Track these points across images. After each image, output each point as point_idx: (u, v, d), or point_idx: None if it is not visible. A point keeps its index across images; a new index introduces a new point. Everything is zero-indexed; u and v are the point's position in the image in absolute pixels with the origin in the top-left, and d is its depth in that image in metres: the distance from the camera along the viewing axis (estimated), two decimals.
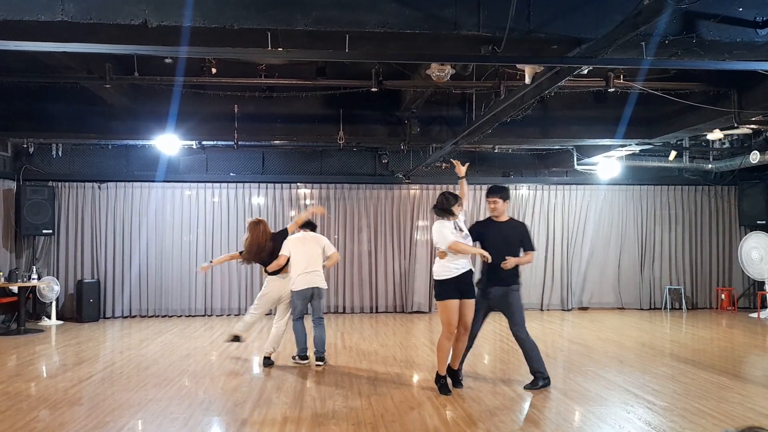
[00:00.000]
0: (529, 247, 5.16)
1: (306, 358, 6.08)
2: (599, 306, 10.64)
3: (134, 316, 9.73)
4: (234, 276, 9.97)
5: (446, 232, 4.82)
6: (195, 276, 9.86)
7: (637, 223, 10.74)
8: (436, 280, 4.93)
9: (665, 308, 10.62)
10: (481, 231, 5.21)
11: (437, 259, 4.95)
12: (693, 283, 10.81)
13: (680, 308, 10.60)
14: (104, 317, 9.59)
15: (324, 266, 6.12)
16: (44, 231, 9.24)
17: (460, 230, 4.93)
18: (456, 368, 5.10)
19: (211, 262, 7.38)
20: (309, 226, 6.40)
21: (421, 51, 4.16)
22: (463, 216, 5.11)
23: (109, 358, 6.58)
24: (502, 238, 5.11)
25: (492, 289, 5.12)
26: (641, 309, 10.59)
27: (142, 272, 9.72)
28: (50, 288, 9.14)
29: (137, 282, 9.73)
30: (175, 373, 5.73)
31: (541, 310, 10.48)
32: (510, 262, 4.98)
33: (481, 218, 5.89)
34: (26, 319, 8.58)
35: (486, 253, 4.88)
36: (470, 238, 4.98)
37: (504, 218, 5.24)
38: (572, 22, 3.85)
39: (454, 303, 4.83)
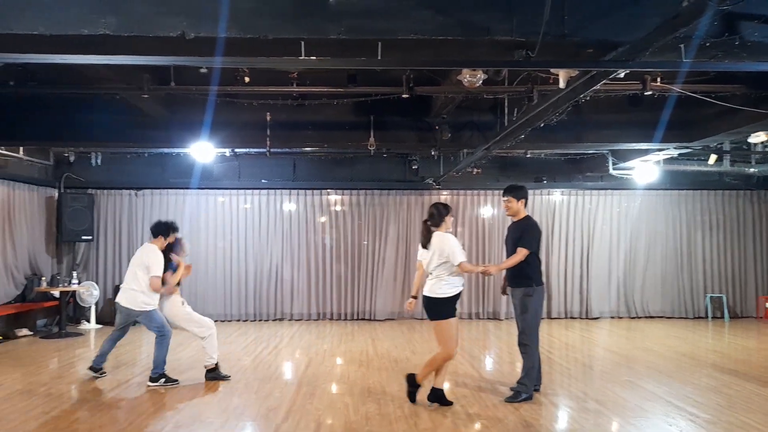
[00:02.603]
0: (519, 244, 4.86)
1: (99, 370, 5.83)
2: (637, 314, 10.36)
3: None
4: (266, 281, 10.07)
5: (460, 248, 4.64)
6: (230, 281, 10.01)
7: (676, 230, 10.45)
8: (440, 298, 4.58)
9: (706, 317, 10.28)
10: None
11: (441, 276, 4.60)
12: (735, 291, 10.45)
13: (722, 317, 10.26)
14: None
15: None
16: (84, 237, 9.53)
17: None
18: (440, 387, 4.77)
19: None
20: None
21: (452, 57, 4.14)
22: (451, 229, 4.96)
23: (145, 362, 6.71)
24: (510, 239, 5.08)
25: (510, 290, 5.07)
26: (681, 318, 10.28)
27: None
28: (90, 292, 9.40)
29: None
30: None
31: (579, 318, 10.27)
32: (489, 269, 4.90)
33: (507, 223, 5.77)
34: (67, 322, 8.84)
35: (483, 269, 4.86)
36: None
37: (518, 217, 5.09)
38: (608, 25, 3.77)
39: (456, 320, 4.66)
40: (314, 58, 3.80)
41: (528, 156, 9.76)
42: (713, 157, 8.41)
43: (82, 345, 7.91)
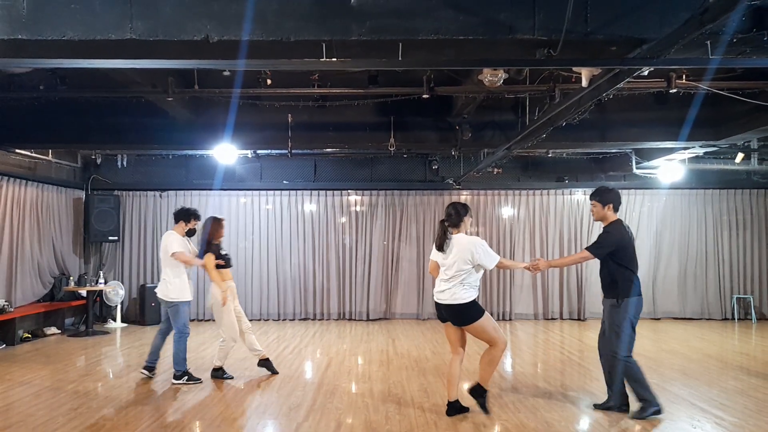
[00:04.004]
0: (586, 246, 4.75)
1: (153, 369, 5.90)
2: (662, 315, 10.19)
3: (192, 320, 10.04)
4: (288, 281, 10.15)
5: (489, 248, 4.49)
6: (251, 280, 10.11)
7: (701, 229, 10.25)
8: (465, 304, 4.37)
9: (733, 318, 10.07)
10: None
11: (461, 282, 4.39)
12: (762, 292, 10.20)
13: (749, 318, 10.03)
14: None
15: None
16: (110, 238, 9.72)
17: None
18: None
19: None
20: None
21: (474, 56, 4.13)
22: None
23: (170, 360, 6.81)
24: None
25: (602, 299, 4.78)
26: (707, 319, 10.09)
27: (200, 277, 10.04)
28: (116, 292, 9.59)
29: (195, 286, 10.02)
30: (233, 375, 5.88)
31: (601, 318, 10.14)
32: (539, 264, 4.70)
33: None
34: (93, 321, 9.02)
35: (532, 264, 4.70)
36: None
37: (606, 223, 4.71)
38: (633, 22, 3.72)
39: (488, 314, 4.47)
40: (335, 59, 3.83)
41: (550, 155, 9.68)
42: (740, 156, 8.22)
43: (108, 343, 8.07)
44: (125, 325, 9.63)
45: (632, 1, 3.71)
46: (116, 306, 9.66)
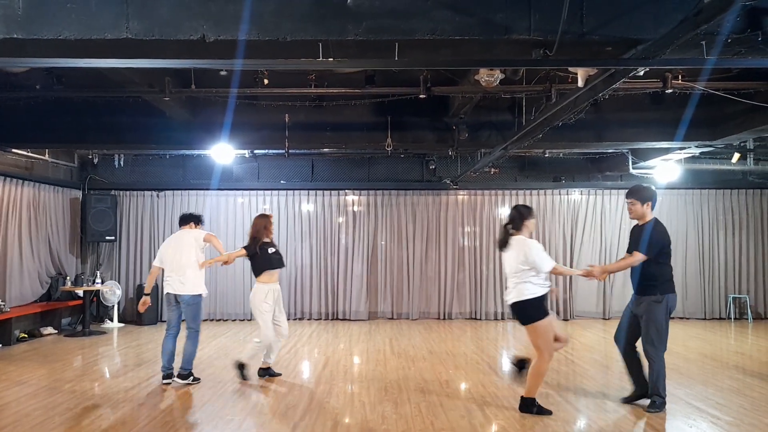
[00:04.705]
0: (637, 247, 4.66)
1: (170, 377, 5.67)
2: None
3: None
4: (285, 281, 10.15)
5: (545, 253, 4.50)
6: (249, 280, 10.10)
7: (698, 229, 10.29)
8: (528, 300, 4.40)
9: (729, 318, 10.11)
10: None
11: (524, 278, 4.44)
12: (758, 292, 10.24)
13: (745, 318, 10.06)
14: (162, 320, 9.94)
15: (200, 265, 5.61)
16: (107, 237, 9.71)
17: None
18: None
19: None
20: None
21: (471, 57, 4.13)
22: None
23: (159, 358, 6.81)
24: (633, 242, 4.82)
25: (635, 296, 4.82)
26: (703, 319, 10.12)
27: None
28: (112, 292, 9.58)
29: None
30: (229, 376, 5.88)
31: (603, 318, 10.17)
32: (594, 271, 4.65)
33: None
34: (90, 321, 9.01)
35: (587, 272, 4.67)
36: None
37: (644, 221, 4.77)
38: (628, 23, 3.74)
39: (551, 319, 4.49)
40: (332, 59, 3.83)
41: (546, 155, 9.71)
42: (736, 156, 8.26)
43: (105, 343, 8.06)
44: (122, 325, 9.62)
45: (627, 1, 3.72)
46: (113, 306, 9.64)
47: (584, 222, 10.29)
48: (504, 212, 10.37)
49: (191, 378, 5.61)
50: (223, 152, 8.02)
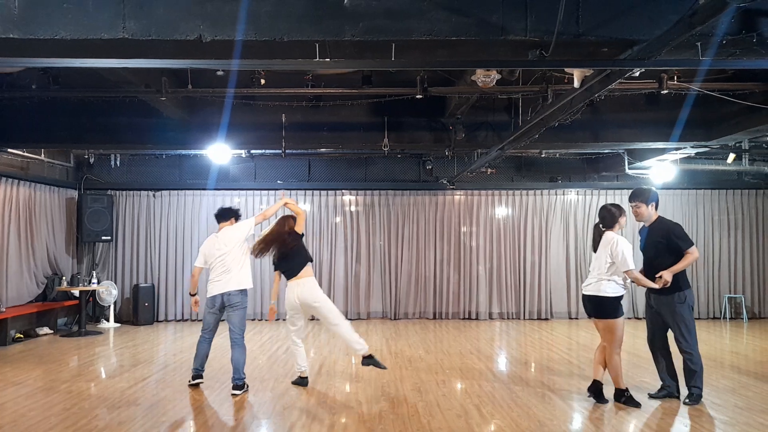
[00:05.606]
0: (683, 245, 4.72)
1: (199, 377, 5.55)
2: None
3: (186, 320, 10.04)
4: (283, 280, 10.11)
5: (630, 255, 4.61)
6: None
7: (693, 229, 10.32)
8: (608, 297, 4.64)
9: (724, 318, 10.15)
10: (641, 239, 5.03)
11: (606, 276, 4.65)
12: (754, 291, 10.29)
13: (740, 318, 10.11)
14: (158, 320, 9.95)
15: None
16: (103, 237, 9.69)
17: None
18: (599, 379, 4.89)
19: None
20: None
21: (467, 57, 4.15)
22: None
23: (163, 360, 6.82)
24: (650, 244, 4.89)
25: (653, 296, 4.90)
26: (698, 318, 10.16)
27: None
28: (109, 292, 9.56)
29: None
30: (226, 376, 5.86)
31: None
32: (664, 277, 4.67)
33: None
34: (86, 321, 8.99)
35: (653, 284, 4.72)
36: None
37: (652, 221, 4.90)
38: (624, 24, 3.76)
39: (623, 320, 4.72)
40: (328, 60, 3.84)
41: (543, 156, 9.73)
42: (732, 156, 8.30)
43: (101, 343, 8.04)
44: (118, 325, 9.60)
45: (623, 3, 3.74)
46: (109, 306, 9.63)
47: (581, 222, 10.31)
48: (501, 212, 10.39)
49: (246, 387, 5.35)
50: (219, 152, 8.02)
